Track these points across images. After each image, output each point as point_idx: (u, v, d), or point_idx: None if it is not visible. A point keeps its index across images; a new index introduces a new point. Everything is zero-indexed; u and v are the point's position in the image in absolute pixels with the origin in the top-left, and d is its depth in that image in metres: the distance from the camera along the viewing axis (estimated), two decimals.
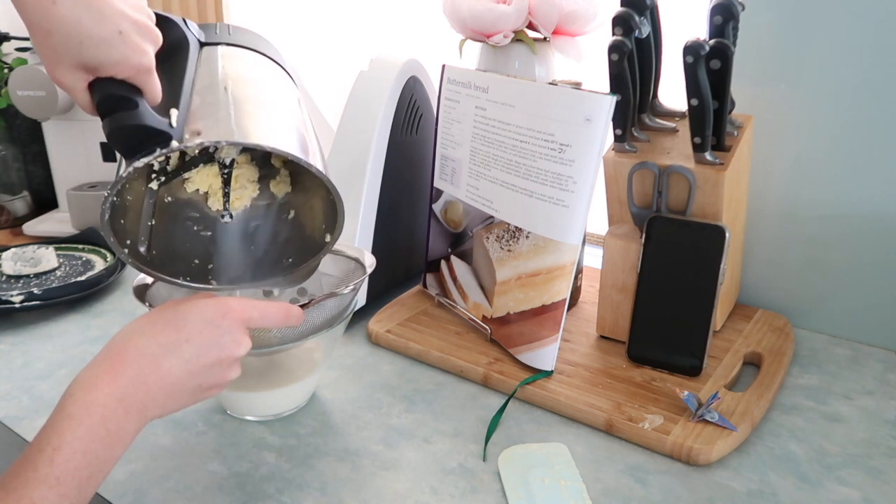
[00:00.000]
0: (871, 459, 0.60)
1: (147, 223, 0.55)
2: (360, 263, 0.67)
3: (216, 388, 0.50)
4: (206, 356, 0.48)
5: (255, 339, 0.63)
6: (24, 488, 0.41)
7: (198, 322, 0.48)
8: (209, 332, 0.48)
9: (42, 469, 0.41)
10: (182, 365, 0.47)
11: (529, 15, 0.76)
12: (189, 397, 0.49)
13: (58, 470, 0.41)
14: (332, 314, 0.62)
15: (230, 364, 0.50)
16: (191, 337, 0.48)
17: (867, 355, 0.75)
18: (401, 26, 1.15)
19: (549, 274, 0.68)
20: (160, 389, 0.46)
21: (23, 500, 0.40)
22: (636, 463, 0.60)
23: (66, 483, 0.41)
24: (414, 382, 0.72)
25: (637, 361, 0.71)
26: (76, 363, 0.75)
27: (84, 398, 0.44)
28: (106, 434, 0.44)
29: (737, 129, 0.71)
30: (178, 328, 0.48)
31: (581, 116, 0.63)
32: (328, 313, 0.61)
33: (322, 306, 0.59)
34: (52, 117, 1.06)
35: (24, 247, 0.97)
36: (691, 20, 0.74)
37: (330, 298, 0.59)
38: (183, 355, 0.47)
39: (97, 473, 0.43)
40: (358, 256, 0.68)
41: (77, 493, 0.42)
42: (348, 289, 0.61)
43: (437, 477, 0.58)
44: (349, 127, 0.82)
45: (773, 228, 0.81)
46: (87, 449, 0.43)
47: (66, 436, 0.42)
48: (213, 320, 0.49)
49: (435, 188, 0.82)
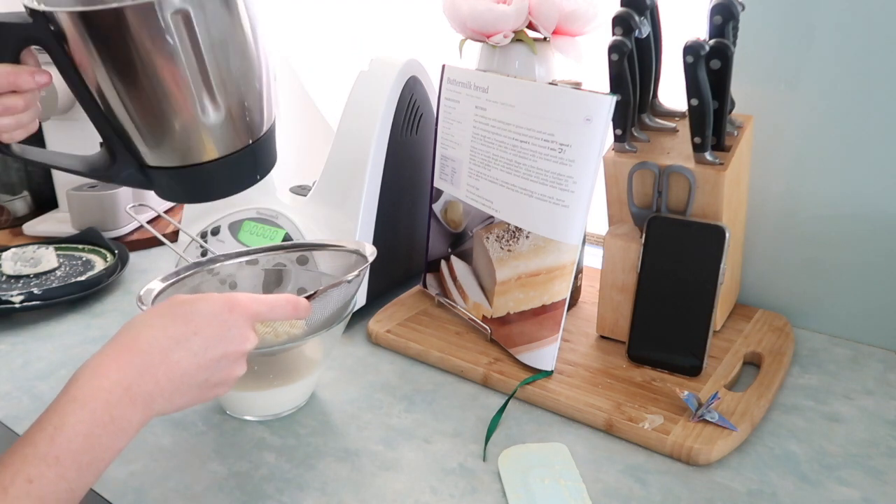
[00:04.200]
0: (871, 459, 0.60)
1: None
2: (360, 255, 0.67)
3: (223, 385, 0.50)
4: (213, 349, 0.48)
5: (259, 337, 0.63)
6: (22, 464, 0.40)
7: (206, 315, 0.48)
8: (217, 325, 0.48)
9: (42, 447, 0.41)
10: (190, 357, 0.47)
11: (529, 15, 0.76)
12: (196, 392, 0.48)
13: (58, 450, 0.41)
14: (338, 305, 0.62)
15: (237, 359, 0.50)
16: (199, 329, 0.48)
17: (867, 355, 0.75)
18: (401, 26, 1.14)
19: (549, 274, 0.68)
20: (168, 381, 0.46)
21: (19, 476, 0.39)
22: (636, 463, 0.60)
23: (65, 464, 0.41)
24: (414, 382, 0.72)
25: (637, 361, 0.71)
26: (76, 363, 0.74)
27: (90, 383, 0.43)
28: (110, 420, 0.43)
29: (737, 129, 0.71)
30: (187, 321, 0.48)
31: (581, 116, 0.63)
32: (335, 304, 0.61)
33: (328, 297, 0.59)
34: (52, 117, 1.06)
35: (24, 247, 0.97)
36: (691, 20, 0.74)
37: (336, 287, 0.59)
38: (191, 347, 0.47)
39: (97, 461, 0.43)
40: (358, 249, 0.68)
41: (76, 477, 0.41)
42: (353, 276, 0.61)
43: (436, 477, 0.58)
44: (349, 127, 0.82)
45: (773, 228, 0.81)
46: (90, 433, 0.42)
47: (69, 417, 0.42)
48: (221, 314, 0.49)
49: (435, 188, 0.82)
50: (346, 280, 0.60)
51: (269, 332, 0.60)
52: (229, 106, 0.55)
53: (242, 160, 0.58)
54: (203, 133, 0.55)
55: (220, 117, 0.55)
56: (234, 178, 0.59)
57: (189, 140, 0.56)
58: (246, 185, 0.60)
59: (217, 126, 0.55)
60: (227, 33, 0.53)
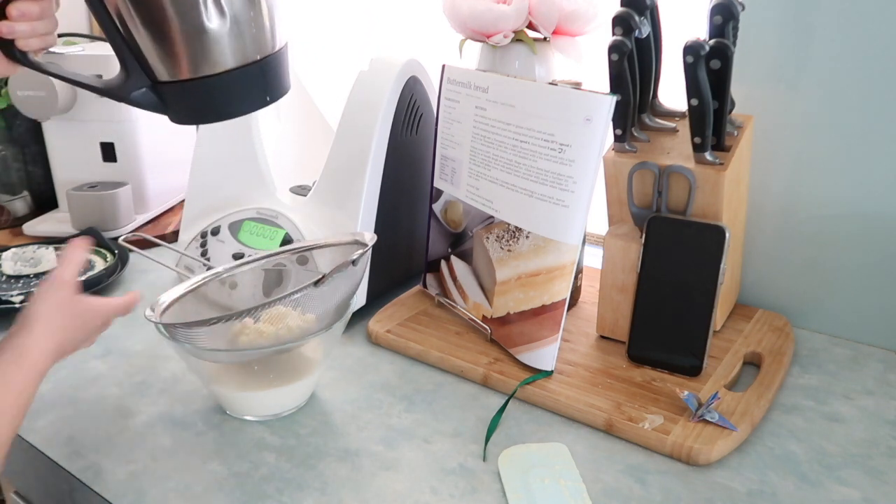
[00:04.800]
0: (871, 459, 0.60)
1: None
2: (360, 243, 0.68)
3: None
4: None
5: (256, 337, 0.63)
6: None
7: None
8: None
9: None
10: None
11: (529, 15, 0.76)
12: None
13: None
14: (343, 293, 0.63)
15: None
16: None
17: (867, 355, 0.75)
18: (401, 26, 1.15)
19: (549, 274, 0.68)
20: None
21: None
22: (636, 463, 0.60)
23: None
24: (414, 382, 0.72)
25: (637, 361, 0.71)
26: (76, 363, 0.75)
27: None
28: None
29: (737, 129, 0.71)
30: None
31: (581, 116, 0.63)
32: (342, 293, 0.62)
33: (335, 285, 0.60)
34: (52, 117, 1.06)
35: (24, 247, 0.97)
36: (691, 20, 0.74)
37: (342, 272, 0.60)
38: None
39: None
40: (356, 238, 0.69)
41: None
42: (357, 254, 0.62)
43: (437, 477, 0.58)
44: (349, 127, 0.82)
45: (773, 228, 0.81)
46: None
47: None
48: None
49: (435, 188, 0.82)
50: (350, 261, 0.60)
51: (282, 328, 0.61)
52: (235, 14, 0.56)
53: (252, 77, 0.59)
54: (210, 42, 0.56)
55: (225, 25, 0.56)
56: (243, 96, 0.60)
57: (197, 49, 0.57)
58: (257, 104, 0.61)
59: (224, 35, 0.56)
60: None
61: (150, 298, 0.66)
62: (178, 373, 0.73)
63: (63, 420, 0.66)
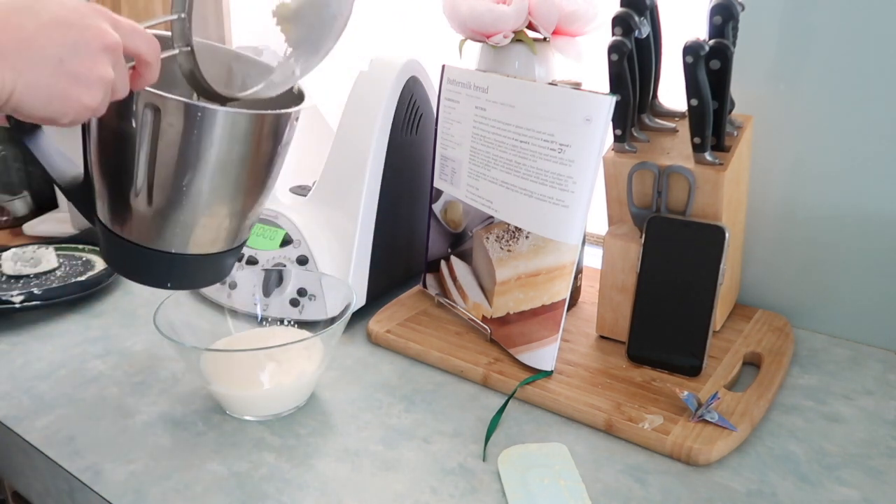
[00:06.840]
0: (871, 459, 0.60)
1: None
2: None
3: (84, 80, 0.44)
4: (64, 28, 0.43)
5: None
6: None
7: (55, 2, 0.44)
8: (67, 10, 0.44)
9: None
10: (36, 24, 0.42)
11: (529, 15, 0.76)
12: (50, 71, 0.43)
13: None
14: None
15: (96, 52, 0.45)
16: (46, 6, 0.43)
17: (867, 355, 0.75)
18: (401, 26, 1.14)
19: (549, 274, 0.68)
20: (10, 41, 0.42)
21: None
22: (636, 463, 0.60)
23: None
24: (414, 382, 0.72)
25: (637, 361, 0.71)
26: (76, 363, 0.75)
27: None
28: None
29: (737, 129, 0.71)
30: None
31: (581, 116, 0.63)
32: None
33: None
34: None
35: (24, 247, 0.97)
36: (691, 20, 0.74)
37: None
38: (38, 17, 0.43)
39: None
40: None
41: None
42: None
43: (436, 477, 0.58)
44: (349, 127, 0.82)
45: (773, 228, 0.81)
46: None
47: None
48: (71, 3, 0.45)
49: (435, 188, 0.82)
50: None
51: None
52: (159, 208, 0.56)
53: (157, 259, 0.59)
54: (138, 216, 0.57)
55: (150, 212, 0.56)
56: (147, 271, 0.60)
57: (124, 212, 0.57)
58: (160, 285, 0.61)
59: (147, 218, 0.57)
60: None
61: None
62: (178, 373, 0.73)
63: (63, 420, 0.66)
